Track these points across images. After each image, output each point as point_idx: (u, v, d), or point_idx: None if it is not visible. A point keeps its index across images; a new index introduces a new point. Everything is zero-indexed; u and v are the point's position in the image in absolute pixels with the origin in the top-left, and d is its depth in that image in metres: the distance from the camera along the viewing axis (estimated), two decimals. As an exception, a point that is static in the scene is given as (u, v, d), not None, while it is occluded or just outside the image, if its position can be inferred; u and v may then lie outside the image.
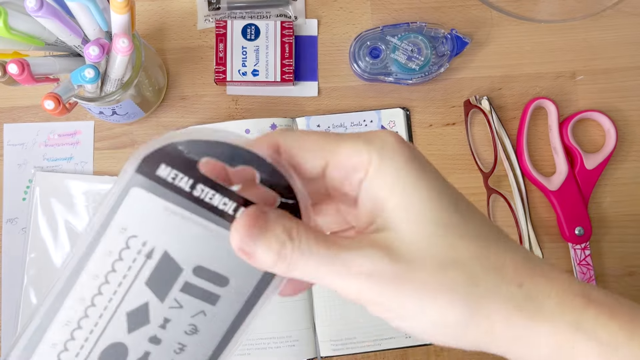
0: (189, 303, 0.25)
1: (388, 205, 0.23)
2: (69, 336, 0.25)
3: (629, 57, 0.63)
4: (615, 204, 0.62)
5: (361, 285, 0.23)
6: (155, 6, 0.63)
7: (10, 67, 0.41)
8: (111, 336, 0.25)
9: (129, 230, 0.24)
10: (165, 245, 0.25)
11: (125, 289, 0.25)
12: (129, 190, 0.24)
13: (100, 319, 0.25)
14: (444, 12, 0.63)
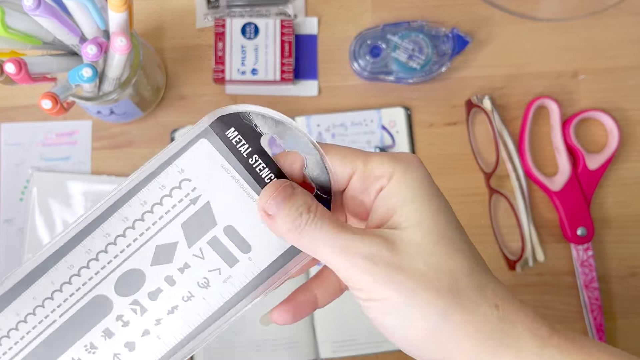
0: (210, 257, 0.27)
1: (401, 211, 0.26)
2: (113, 240, 0.27)
3: (632, 56, 0.63)
4: (618, 204, 0.61)
5: (355, 265, 0.25)
6: (153, 5, 0.63)
7: (8, 66, 0.41)
8: (136, 262, 0.27)
9: (185, 173, 0.27)
10: (209, 197, 0.27)
11: (163, 223, 0.27)
12: (198, 140, 0.27)
13: (134, 242, 0.27)
14: (445, 10, 0.63)
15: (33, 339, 0.27)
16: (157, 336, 0.27)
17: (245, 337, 0.57)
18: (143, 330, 0.27)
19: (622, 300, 0.60)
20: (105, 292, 0.27)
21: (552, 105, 0.61)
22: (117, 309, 0.27)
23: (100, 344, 0.27)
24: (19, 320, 0.27)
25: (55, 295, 0.27)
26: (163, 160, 0.27)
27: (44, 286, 0.27)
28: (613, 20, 0.63)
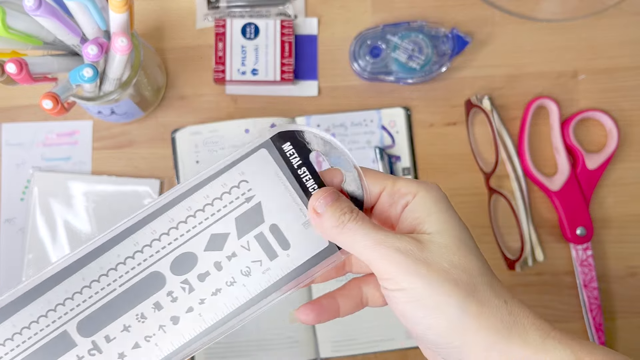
0: (255, 249, 0.32)
1: (426, 220, 0.31)
2: (175, 225, 0.31)
3: (631, 57, 0.63)
4: (617, 204, 0.61)
5: (388, 256, 0.29)
6: (154, 5, 0.63)
7: (9, 67, 0.41)
8: (192, 246, 0.31)
9: (245, 176, 0.32)
10: (261, 198, 0.32)
11: (220, 215, 0.31)
12: (259, 149, 0.32)
13: (192, 229, 0.31)
14: (445, 10, 0.63)
15: (94, 302, 0.30)
16: (199, 314, 0.31)
17: (246, 337, 0.57)
18: (188, 307, 0.31)
19: (622, 300, 0.61)
20: (162, 270, 0.31)
21: (551, 105, 0.61)
22: (169, 285, 0.31)
23: (150, 314, 0.31)
24: (84, 286, 0.31)
25: (118, 267, 0.31)
26: (228, 163, 0.32)
27: (109, 258, 0.31)
28: (613, 20, 0.63)
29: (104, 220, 0.59)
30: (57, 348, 0.30)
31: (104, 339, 0.31)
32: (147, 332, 0.31)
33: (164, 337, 0.31)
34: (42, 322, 0.30)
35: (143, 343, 0.31)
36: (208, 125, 0.60)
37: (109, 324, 0.31)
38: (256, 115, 0.61)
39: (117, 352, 0.31)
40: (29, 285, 0.31)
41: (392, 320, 0.59)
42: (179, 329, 0.31)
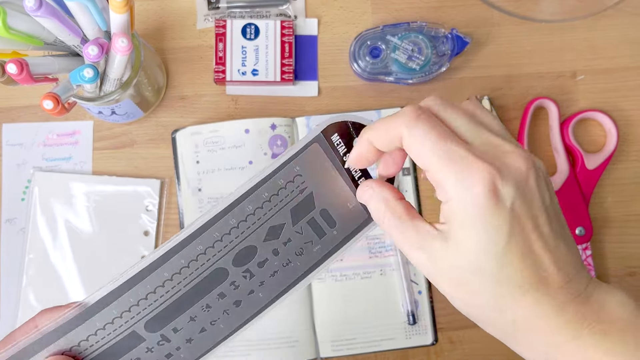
0: (307, 232, 0.35)
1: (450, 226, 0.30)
2: (236, 224, 0.34)
3: (630, 57, 0.63)
4: (617, 204, 0.61)
5: (419, 264, 0.31)
6: (154, 5, 0.63)
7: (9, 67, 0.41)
8: (252, 240, 0.34)
9: (299, 170, 0.34)
10: (313, 188, 0.34)
11: (277, 209, 0.34)
12: (312, 144, 0.34)
13: (252, 225, 0.34)
14: (445, 11, 0.63)
15: (159, 305, 0.33)
16: (259, 294, 0.35)
17: (246, 336, 0.58)
18: (249, 290, 0.34)
19: (621, 300, 0.61)
20: (224, 265, 0.34)
21: (550, 105, 0.61)
22: (231, 277, 0.34)
23: (214, 304, 0.34)
24: (149, 292, 0.33)
25: (182, 270, 0.33)
26: (284, 160, 0.34)
27: (172, 265, 0.33)
28: (612, 20, 0.63)
29: (104, 220, 0.59)
30: (127, 344, 0.33)
31: (172, 330, 0.34)
32: (213, 317, 0.34)
33: (228, 318, 0.34)
34: (116, 322, 0.33)
35: (208, 327, 0.34)
36: (208, 125, 0.60)
37: (175, 318, 0.34)
38: (256, 115, 0.61)
39: (185, 338, 0.34)
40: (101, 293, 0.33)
41: (392, 320, 0.59)
42: (241, 309, 0.34)
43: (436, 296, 0.60)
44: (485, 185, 0.28)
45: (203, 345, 0.34)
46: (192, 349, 0.34)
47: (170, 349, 0.34)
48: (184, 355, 0.34)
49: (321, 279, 0.59)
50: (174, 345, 0.34)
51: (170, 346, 0.34)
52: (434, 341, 0.59)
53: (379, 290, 0.59)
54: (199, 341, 0.34)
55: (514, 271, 0.29)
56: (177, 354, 0.34)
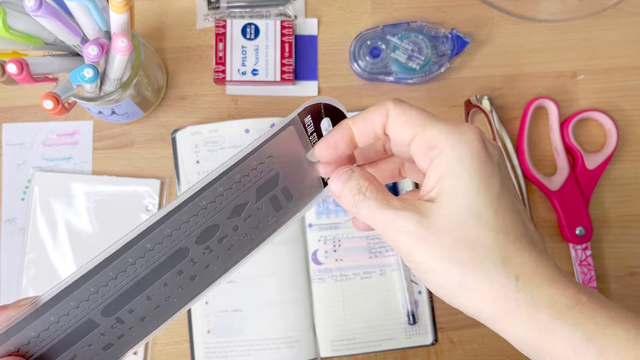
0: (266, 208, 0.35)
1: (440, 185, 0.30)
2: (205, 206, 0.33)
3: (630, 57, 0.63)
4: (617, 204, 0.61)
5: (393, 236, 0.30)
6: (154, 5, 0.63)
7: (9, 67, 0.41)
8: (216, 219, 0.33)
9: (271, 152, 0.33)
10: (280, 169, 0.34)
11: (245, 189, 0.33)
12: (288, 127, 0.33)
13: (219, 206, 0.33)
14: (445, 11, 0.63)
15: (119, 289, 0.32)
16: (214, 267, 0.34)
17: (246, 336, 0.58)
18: (205, 265, 0.34)
19: (621, 300, 0.61)
20: (187, 245, 0.33)
21: (550, 105, 0.61)
22: (192, 254, 0.33)
23: (172, 281, 0.33)
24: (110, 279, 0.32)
25: (146, 254, 0.32)
26: (260, 142, 0.33)
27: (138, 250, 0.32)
28: (612, 21, 0.63)
29: (104, 220, 0.59)
30: (80, 332, 0.32)
31: (128, 312, 0.33)
32: (168, 294, 0.34)
33: (182, 293, 0.34)
34: (63, 320, 0.32)
35: (163, 303, 0.34)
36: (208, 125, 0.60)
37: (132, 300, 0.33)
38: (256, 115, 0.61)
39: (139, 317, 0.33)
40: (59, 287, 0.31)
41: (392, 320, 0.59)
42: (195, 283, 0.34)
43: (436, 296, 0.60)
44: (478, 135, 0.30)
45: (155, 321, 0.34)
46: (144, 326, 0.34)
47: (123, 330, 0.33)
48: (135, 333, 0.34)
49: (321, 279, 0.59)
50: (127, 326, 0.33)
51: (124, 327, 0.33)
52: (434, 341, 0.59)
53: (379, 290, 0.59)
54: (152, 318, 0.34)
55: (508, 223, 0.29)
56: (129, 333, 0.33)
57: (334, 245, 0.60)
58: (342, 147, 0.33)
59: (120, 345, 0.33)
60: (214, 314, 0.58)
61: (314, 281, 0.59)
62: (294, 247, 0.59)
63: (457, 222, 0.29)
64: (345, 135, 0.33)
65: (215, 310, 0.58)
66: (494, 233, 0.29)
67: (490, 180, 0.29)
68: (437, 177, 0.30)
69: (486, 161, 0.29)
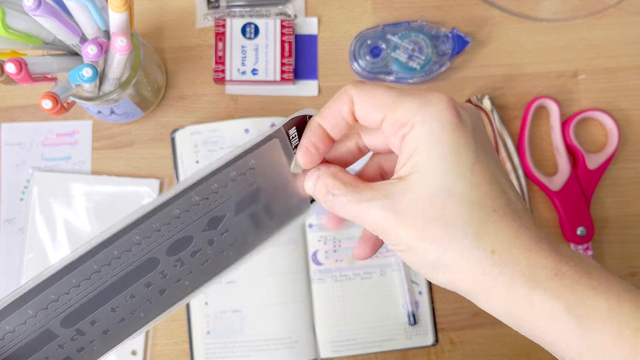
0: (246, 224, 0.33)
1: (410, 161, 0.29)
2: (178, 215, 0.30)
3: (631, 56, 0.63)
4: (618, 204, 0.61)
5: (369, 225, 0.30)
6: (153, 5, 0.63)
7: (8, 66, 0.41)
8: (190, 230, 0.31)
9: (253, 164, 0.31)
10: (262, 183, 0.32)
11: (222, 201, 0.31)
12: (272, 139, 0.31)
13: (194, 216, 0.31)
14: (445, 10, 0.63)
15: (81, 298, 0.30)
16: (185, 282, 0.33)
17: (246, 337, 0.57)
18: (177, 279, 0.32)
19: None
20: (157, 255, 0.31)
21: (551, 105, 0.61)
22: (162, 266, 0.32)
23: (140, 293, 0.32)
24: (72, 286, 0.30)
25: (112, 262, 0.30)
26: (240, 152, 0.31)
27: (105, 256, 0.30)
28: (613, 20, 0.63)
29: (103, 220, 0.59)
30: (37, 344, 0.30)
31: (89, 324, 0.31)
32: (134, 307, 0.32)
33: (150, 307, 0.32)
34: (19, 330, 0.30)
35: (128, 316, 0.32)
36: (208, 125, 0.60)
37: (95, 311, 0.31)
38: (256, 115, 0.61)
39: (102, 330, 0.31)
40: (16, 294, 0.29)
41: (393, 321, 0.59)
42: (164, 298, 0.32)
43: (437, 296, 0.59)
44: (449, 104, 0.29)
45: (119, 336, 0.32)
46: (107, 340, 0.32)
47: (84, 342, 0.31)
48: (97, 347, 0.32)
49: (321, 279, 0.59)
50: (88, 339, 0.31)
51: (85, 340, 0.31)
52: (434, 342, 0.59)
53: (379, 290, 0.59)
54: (116, 332, 0.32)
55: (484, 194, 0.28)
56: (90, 346, 0.31)
57: (334, 246, 0.59)
58: (321, 146, 0.32)
59: (79, 359, 0.32)
60: (214, 315, 0.58)
61: (314, 281, 0.59)
62: (294, 248, 0.59)
63: (430, 199, 0.28)
64: (318, 133, 0.32)
65: (215, 311, 0.58)
66: (467, 207, 0.28)
67: (463, 150, 0.28)
68: (409, 155, 0.29)
69: (459, 130, 0.28)
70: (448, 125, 0.28)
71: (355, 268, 0.59)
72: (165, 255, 0.31)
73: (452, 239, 0.28)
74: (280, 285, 0.58)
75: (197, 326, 0.58)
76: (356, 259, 0.36)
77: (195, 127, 0.60)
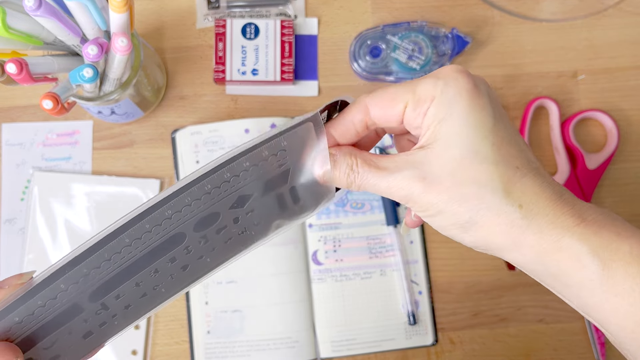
0: (271, 205, 0.34)
1: (434, 129, 0.30)
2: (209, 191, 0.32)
3: (631, 57, 0.63)
4: (617, 204, 0.61)
5: (398, 195, 0.31)
6: (154, 5, 0.63)
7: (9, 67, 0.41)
8: (218, 207, 0.32)
9: (285, 145, 0.32)
10: (292, 165, 0.33)
11: (251, 180, 0.32)
12: (305, 123, 0.33)
13: (224, 192, 0.32)
14: (445, 11, 0.63)
15: (110, 272, 0.31)
16: (207, 259, 0.33)
17: (246, 337, 0.57)
18: (199, 255, 0.33)
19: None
20: (184, 230, 0.32)
21: (551, 105, 0.61)
22: (187, 242, 0.32)
23: (164, 268, 0.32)
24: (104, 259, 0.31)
25: (144, 236, 0.31)
26: (274, 133, 0.32)
27: (137, 230, 0.31)
28: (612, 20, 0.63)
29: (104, 220, 0.59)
30: (63, 318, 0.31)
31: (114, 298, 0.32)
32: (157, 282, 0.33)
33: (171, 282, 0.33)
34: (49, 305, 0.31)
35: (150, 292, 0.33)
36: (208, 125, 0.60)
37: (121, 285, 0.32)
38: (256, 115, 0.61)
39: (124, 305, 0.32)
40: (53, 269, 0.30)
41: (393, 321, 0.59)
42: (186, 273, 0.33)
43: (437, 296, 0.60)
44: (462, 73, 0.31)
45: (139, 311, 0.33)
46: (128, 315, 0.33)
47: (106, 317, 0.32)
48: (117, 322, 0.33)
49: (321, 279, 0.59)
50: (111, 313, 0.32)
51: (107, 314, 0.32)
52: (434, 341, 0.59)
53: (379, 290, 0.59)
54: (137, 307, 0.33)
55: (507, 153, 0.30)
56: (112, 321, 0.32)
57: (334, 246, 0.60)
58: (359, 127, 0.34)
59: (100, 334, 0.32)
60: (214, 315, 0.58)
61: (314, 281, 0.59)
62: (293, 248, 0.59)
63: (456, 162, 0.30)
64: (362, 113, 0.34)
65: (215, 311, 0.58)
66: (493, 166, 0.29)
67: (482, 114, 0.30)
68: (429, 125, 0.30)
69: (476, 97, 0.30)
70: (465, 92, 0.30)
71: (355, 268, 0.59)
72: (192, 230, 0.32)
73: (482, 197, 0.29)
74: (281, 285, 0.58)
75: (197, 326, 0.58)
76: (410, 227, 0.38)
77: (196, 127, 0.60)
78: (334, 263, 0.59)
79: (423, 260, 0.60)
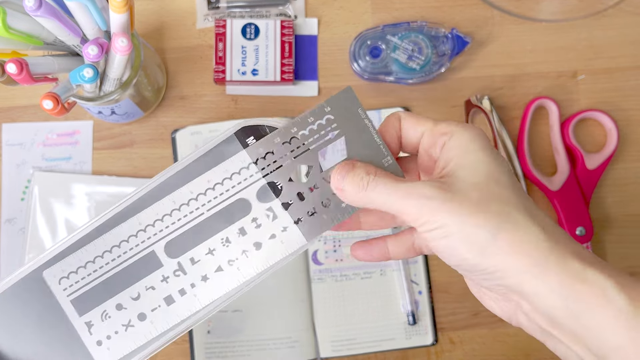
0: None
1: (460, 158, 0.31)
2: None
3: (631, 57, 0.63)
4: (617, 204, 0.61)
5: (415, 204, 0.30)
6: (154, 5, 0.63)
7: (9, 67, 0.41)
8: (275, 177, 0.33)
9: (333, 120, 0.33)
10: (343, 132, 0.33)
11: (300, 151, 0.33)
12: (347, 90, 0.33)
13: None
14: (445, 11, 0.63)
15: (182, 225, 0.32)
16: (281, 241, 0.33)
17: (246, 337, 0.58)
18: (271, 234, 0.33)
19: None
20: (249, 197, 0.32)
21: (551, 105, 0.61)
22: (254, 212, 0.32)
23: (235, 239, 0.32)
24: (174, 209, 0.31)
25: (208, 192, 0.32)
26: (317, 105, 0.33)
27: (201, 182, 0.31)
28: (612, 20, 0.63)
29: (104, 220, 0.59)
30: (144, 267, 0.31)
31: (189, 261, 0.32)
32: (231, 256, 0.32)
33: (246, 261, 0.33)
34: (132, 241, 0.31)
35: (226, 266, 0.32)
36: (208, 125, 0.60)
37: (195, 246, 0.32)
38: (256, 115, 0.61)
39: (201, 274, 0.32)
40: (121, 206, 0.31)
41: (392, 321, 0.59)
42: (260, 253, 0.33)
43: (436, 296, 0.60)
44: (473, 126, 0.33)
45: (218, 289, 0.32)
46: (207, 290, 0.32)
47: (185, 284, 0.32)
48: (197, 295, 0.32)
49: (321, 279, 0.59)
50: (189, 280, 0.32)
51: (186, 281, 0.32)
52: (434, 341, 0.59)
53: (379, 290, 0.59)
54: (214, 282, 0.32)
55: (520, 189, 0.31)
56: (191, 292, 0.32)
57: (334, 246, 0.60)
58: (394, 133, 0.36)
59: (182, 304, 0.32)
60: (214, 314, 0.58)
61: (314, 281, 0.59)
62: (294, 247, 0.59)
63: (481, 184, 0.30)
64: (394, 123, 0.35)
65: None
66: (514, 193, 0.30)
67: (496, 153, 0.32)
68: (452, 155, 0.32)
69: (489, 144, 0.32)
70: (478, 135, 0.32)
71: (355, 268, 0.59)
72: (256, 198, 0.32)
73: (508, 213, 0.29)
74: (281, 285, 0.58)
75: (197, 326, 0.58)
76: (356, 258, 0.38)
77: (196, 127, 0.60)
78: (334, 263, 0.59)
79: (423, 260, 0.60)
